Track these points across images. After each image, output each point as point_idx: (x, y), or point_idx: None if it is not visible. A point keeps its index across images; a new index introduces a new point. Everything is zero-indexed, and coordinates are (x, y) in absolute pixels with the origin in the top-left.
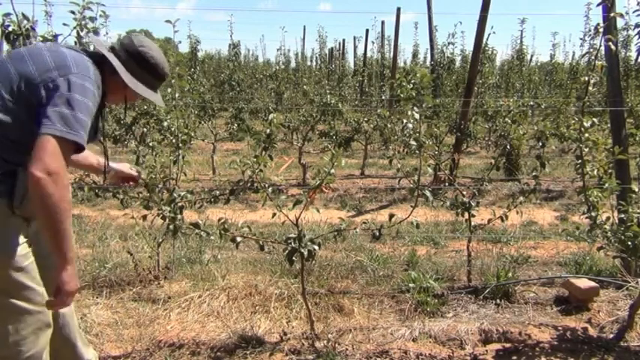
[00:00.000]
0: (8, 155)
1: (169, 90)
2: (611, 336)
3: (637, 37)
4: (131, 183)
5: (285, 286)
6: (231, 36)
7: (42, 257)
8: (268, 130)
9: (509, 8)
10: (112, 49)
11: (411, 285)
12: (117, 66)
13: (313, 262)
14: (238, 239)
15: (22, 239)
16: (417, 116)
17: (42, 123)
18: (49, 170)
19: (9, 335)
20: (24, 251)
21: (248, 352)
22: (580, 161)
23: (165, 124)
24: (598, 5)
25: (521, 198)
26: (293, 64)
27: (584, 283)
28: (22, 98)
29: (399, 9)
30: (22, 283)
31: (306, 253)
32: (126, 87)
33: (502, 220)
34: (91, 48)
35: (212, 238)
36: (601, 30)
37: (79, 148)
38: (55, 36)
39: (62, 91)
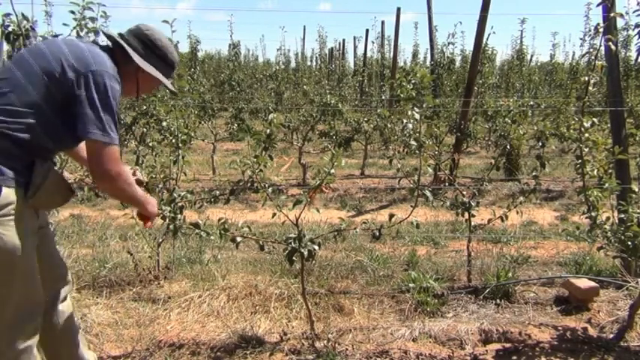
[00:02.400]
0: (29, 149)
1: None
2: (611, 336)
3: (637, 37)
4: None
5: (285, 286)
6: (231, 36)
7: (48, 255)
8: (268, 130)
9: (509, 8)
10: (121, 36)
11: (411, 285)
12: (129, 51)
13: (313, 262)
14: (238, 239)
15: (33, 234)
16: (417, 116)
17: (85, 130)
18: (113, 176)
19: (6, 329)
20: (33, 246)
21: (248, 352)
22: (580, 161)
23: (164, 124)
24: (598, 5)
25: (521, 198)
26: (293, 64)
27: (584, 283)
28: (47, 95)
29: (399, 9)
30: (26, 279)
31: (306, 253)
32: (137, 72)
33: (502, 220)
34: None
35: (212, 238)
36: (601, 30)
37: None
38: (55, 36)
39: (91, 94)
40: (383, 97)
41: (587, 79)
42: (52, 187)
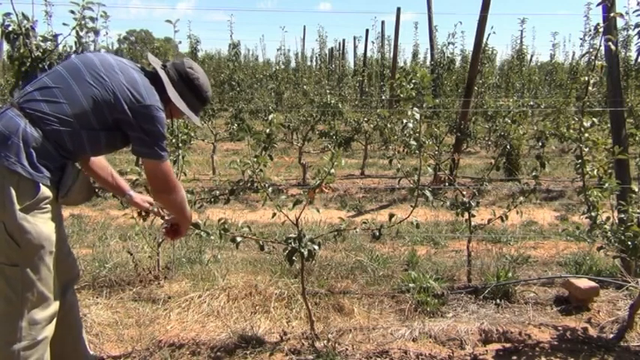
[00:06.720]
0: (66, 152)
1: None
2: (611, 336)
3: (637, 37)
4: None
5: (285, 286)
6: (231, 36)
7: (61, 241)
8: (268, 130)
9: (510, 8)
10: (164, 66)
11: (411, 285)
12: (165, 82)
13: (313, 262)
14: (238, 239)
15: (59, 227)
16: (417, 116)
17: (142, 152)
18: (171, 188)
19: (25, 321)
20: (56, 237)
21: (248, 352)
22: (580, 161)
23: None
24: (598, 5)
25: (521, 198)
26: (293, 64)
27: (584, 283)
28: (99, 114)
29: (399, 9)
30: (48, 267)
31: (306, 253)
32: (169, 101)
33: (502, 220)
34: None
35: (212, 238)
36: (601, 30)
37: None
38: (55, 36)
39: (144, 124)
40: (383, 97)
41: (587, 79)
42: (79, 187)
